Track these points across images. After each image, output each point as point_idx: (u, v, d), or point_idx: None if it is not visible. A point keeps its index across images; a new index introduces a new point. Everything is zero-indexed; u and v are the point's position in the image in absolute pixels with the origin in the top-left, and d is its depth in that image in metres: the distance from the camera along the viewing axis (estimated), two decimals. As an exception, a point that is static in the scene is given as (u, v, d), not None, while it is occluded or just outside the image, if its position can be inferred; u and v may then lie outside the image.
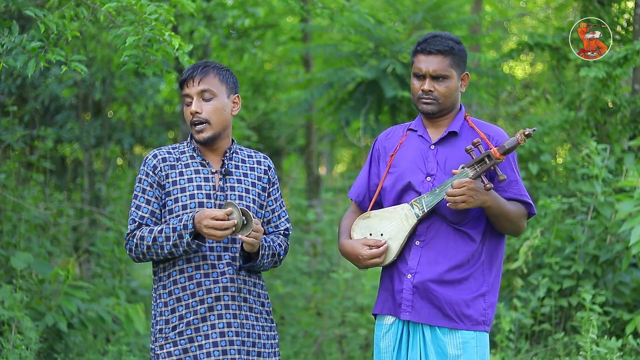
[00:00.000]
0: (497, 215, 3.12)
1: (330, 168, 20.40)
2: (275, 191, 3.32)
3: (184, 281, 3.11)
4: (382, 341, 3.25)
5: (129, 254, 3.18)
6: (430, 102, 3.19)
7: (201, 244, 3.06)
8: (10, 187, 6.40)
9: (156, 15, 4.21)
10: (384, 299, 3.26)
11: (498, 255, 3.25)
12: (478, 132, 3.21)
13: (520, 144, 3.02)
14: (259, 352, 3.18)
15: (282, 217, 3.33)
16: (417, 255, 3.17)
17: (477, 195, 3.01)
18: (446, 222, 3.16)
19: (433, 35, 3.21)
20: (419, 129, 3.29)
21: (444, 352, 3.13)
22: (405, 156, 3.26)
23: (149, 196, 3.17)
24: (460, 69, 3.22)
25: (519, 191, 3.21)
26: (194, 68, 3.18)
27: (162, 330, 3.13)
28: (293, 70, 13.75)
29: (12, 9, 4.55)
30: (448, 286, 3.13)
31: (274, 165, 3.38)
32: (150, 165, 3.19)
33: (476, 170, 3.05)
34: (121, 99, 11.00)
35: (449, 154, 3.20)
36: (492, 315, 3.21)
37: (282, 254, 3.25)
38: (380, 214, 3.22)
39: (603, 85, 6.23)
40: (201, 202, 3.13)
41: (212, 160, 3.23)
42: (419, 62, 3.19)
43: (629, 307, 5.63)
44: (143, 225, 3.15)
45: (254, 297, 3.19)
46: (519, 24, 14.44)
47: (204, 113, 3.14)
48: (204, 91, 3.15)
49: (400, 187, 3.21)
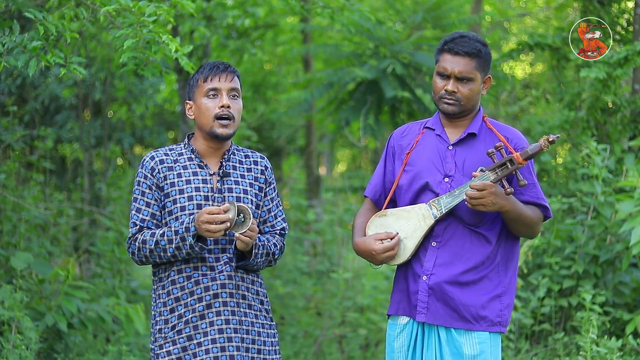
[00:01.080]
0: (514, 220, 3.11)
1: (330, 168, 20.39)
2: (271, 191, 3.32)
3: (183, 281, 3.12)
4: (397, 341, 3.24)
5: (131, 257, 3.20)
6: (452, 103, 3.17)
7: (204, 247, 3.07)
8: (10, 187, 6.40)
9: (155, 17, 4.21)
10: (398, 300, 3.25)
11: (514, 256, 3.23)
12: (497, 134, 3.20)
13: (543, 150, 3.01)
14: (259, 349, 3.18)
15: (279, 216, 3.33)
16: (433, 257, 3.16)
17: (496, 200, 3.01)
18: (463, 223, 3.15)
19: (461, 35, 3.18)
20: (437, 128, 3.27)
21: (460, 353, 3.13)
22: (422, 155, 3.25)
23: (149, 199, 3.17)
24: (485, 72, 3.20)
25: (536, 194, 3.20)
26: (222, 65, 3.20)
27: (162, 330, 3.14)
28: (293, 70, 13.75)
29: (12, 9, 4.55)
30: (463, 288, 3.13)
31: (271, 165, 3.39)
32: (148, 167, 3.19)
33: (497, 175, 3.04)
34: (121, 99, 10.99)
35: (467, 155, 3.19)
36: (508, 316, 3.20)
37: (277, 254, 3.25)
38: (397, 212, 3.21)
39: (603, 85, 6.23)
40: (199, 204, 3.13)
41: (211, 161, 3.23)
42: (445, 61, 3.16)
43: (629, 307, 5.63)
44: (144, 228, 3.16)
45: (252, 294, 3.20)
46: (519, 24, 14.44)
47: (232, 109, 3.17)
48: (234, 89, 3.20)
49: (418, 187, 3.20)
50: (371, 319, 6.66)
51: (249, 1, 9.21)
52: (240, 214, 3.02)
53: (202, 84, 3.19)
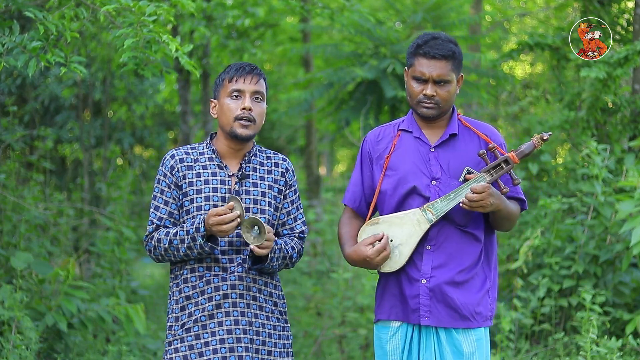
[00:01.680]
0: (503, 217, 3.15)
1: (330, 168, 20.41)
2: (292, 193, 3.30)
3: (195, 280, 3.14)
4: (389, 343, 3.24)
5: (149, 254, 3.23)
6: (432, 107, 3.16)
7: (214, 247, 3.07)
8: (10, 187, 6.40)
9: (155, 17, 4.21)
10: (391, 305, 3.24)
11: (494, 251, 3.28)
12: (477, 133, 3.23)
13: (537, 147, 3.05)
14: (270, 351, 3.18)
15: (299, 219, 3.31)
16: (429, 260, 3.17)
17: (493, 201, 3.04)
18: (454, 225, 3.17)
19: (433, 37, 3.16)
20: (415, 131, 3.25)
21: (460, 351, 3.16)
22: (403, 158, 3.23)
23: (167, 197, 3.19)
24: (459, 72, 3.21)
25: (515, 189, 3.25)
26: (249, 67, 3.21)
27: (172, 328, 3.18)
28: (293, 70, 13.75)
29: (12, 9, 4.55)
30: (460, 287, 3.16)
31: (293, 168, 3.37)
32: (168, 165, 3.21)
33: (492, 176, 3.07)
34: (121, 99, 11.00)
35: (451, 156, 3.19)
36: (495, 308, 3.27)
37: (295, 257, 3.24)
38: (389, 219, 3.19)
39: (603, 85, 6.23)
40: (215, 205, 3.14)
41: (231, 162, 3.23)
42: (421, 65, 3.14)
43: (629, 307, 5.63)
44: (161, 227, 3.17)
45: (265, 296, 3.19)
46: (519, 24, 14.44)
47: (254, 112, 3.17)
48: (257, 92, 3.20)
49: (404, 191, 3.19)
50: (371, 319, 6.65)
51: (249, 1, 9.22)
52: (254, 227, 3.01)
53: (227, 84, 3.20)
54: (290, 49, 10.62)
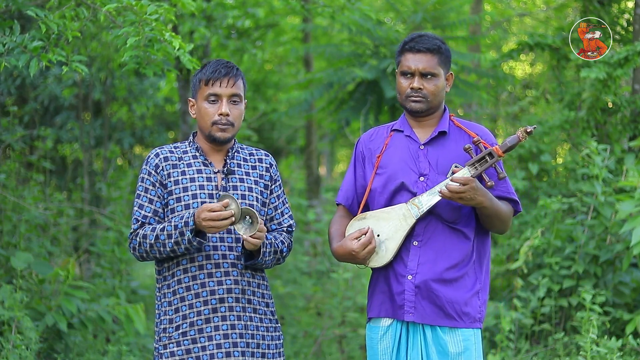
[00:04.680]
0: (490, 216, 3.14)
1: (330, 168, 20.40)
2: (277, 188, 3.30)
3: (188, 281, 3.11)
4: (380, 343, 3.24)
5: (132, 252, 3.18)
6: (419, 100, 3.19)
7: (202, 242, 3.04)
8: (10, 187, 6.40)
9: (157, 16, 4.21)
10: (380, 302, 3.25)
11: (486, 253, 3.27)
12: (467, 131, 3.24)
13: (521, 141, 3.05)
14: (264, 353, 3.17)
15: (285, 214, 3.32)
16: (416, 256, 3.17)
17: (474, 195, 3.03)
18: (442, 221, 3.17)
19: (419, 35, 3.23)
20: (406, 129, 3.28)
21: (445, 351, 3.15)
22: (394, 157, 3.25)
23: (152, 195, 3.17)
24: (447, 68, 3.24)
25: (507, 189, 3.23)
26: (225, 68, 3.15)
27: (166, 330, 3.13)
28: (293, 70, 13.75)
29: (12, 9, 4.55)
30: (447, 285, 3.15)
31: (276, 162, 3.37)
32: (152, 164, 3.19)
33: (477, 169, 3.07)
34: (121, 99, 11.00)
35: (440, 154, 3.21)
36: (485, 312, 3.24)
37: (285, 251, 3.24)
38: (376, 214, 3.20)
39: (603, 85, 6.24)
40: (203, 202, 3.12)
41: (215, 159, 3.22)
42: (407, 60, 3.19)
43: (629, 307, 5.63)
44: (146, 224, 3.15)
45: (258, 297, 3.19)
46: (519, 24, 14.44)
47: (231, 116, 3.14)
48: (235, 95, 3.16)
49: (393, 188, 3.20)
50: (371, 319, 6.65)
51: (250, 1, 9.22)
52: (246, 217, 3.00)
53: (203, 87, 3.16)
54: (291, 49, 10.63)
